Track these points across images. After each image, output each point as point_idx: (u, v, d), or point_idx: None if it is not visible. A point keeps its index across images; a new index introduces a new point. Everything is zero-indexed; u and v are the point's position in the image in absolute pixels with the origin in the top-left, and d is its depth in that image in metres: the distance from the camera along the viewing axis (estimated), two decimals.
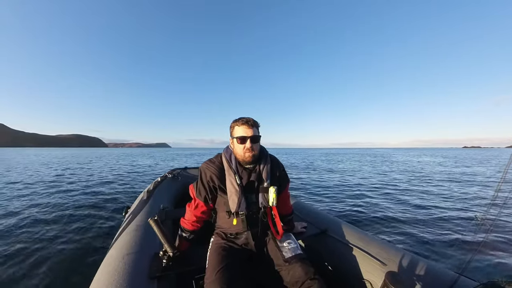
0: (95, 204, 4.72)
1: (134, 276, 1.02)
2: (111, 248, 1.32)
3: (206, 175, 1.26)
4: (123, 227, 1.59)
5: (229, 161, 1.25)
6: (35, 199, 5.12)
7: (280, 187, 1.35)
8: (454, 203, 5.04)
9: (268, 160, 1.31)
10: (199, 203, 1.30)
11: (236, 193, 1.20)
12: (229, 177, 1.23)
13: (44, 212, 4.13)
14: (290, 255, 1.17)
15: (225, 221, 1.30)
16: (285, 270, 1.14)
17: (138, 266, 1.10)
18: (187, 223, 1.33)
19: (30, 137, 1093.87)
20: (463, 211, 4.41)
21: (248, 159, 1.21)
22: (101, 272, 1.07)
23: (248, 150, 1.19)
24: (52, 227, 3.33)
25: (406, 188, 6.67)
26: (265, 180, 1.26)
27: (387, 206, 4.70)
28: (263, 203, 1.25)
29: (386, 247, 1.36)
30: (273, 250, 1.25)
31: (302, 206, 2.11)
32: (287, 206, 1.50)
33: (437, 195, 5.81)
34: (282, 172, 1.40)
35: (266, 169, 1.27)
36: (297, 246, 1.25)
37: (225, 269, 1.07)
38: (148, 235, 1.40)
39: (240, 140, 1.19)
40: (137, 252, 1.21)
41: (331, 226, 1.68)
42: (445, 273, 1.11)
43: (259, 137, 1.24)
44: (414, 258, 1.23)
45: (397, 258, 1.25)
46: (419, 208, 4.57)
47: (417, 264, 1.18)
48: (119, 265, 1.08)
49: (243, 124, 1.20)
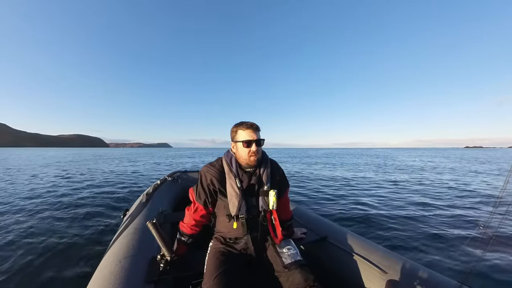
0: (93, 206, 4.69)
1: (130, 280, 1.01)
2: (108, 251, 1.31)
3: (207, 178, 1.27)
4: (121, 229, 1.58)
5: (230, 165, 1.27)
6: (31, 201, 5.10)
7: (280, 192, 1.35)
8: (454, 207, 4.99)
9: (268, 164, 1.33)
10: (198, 207, 1.30)
11: (236, 196, 1.21)
12: (229, 180, 1.24)
13: (41, 213, 4.11)
14: (289, 261, 1.16)
15: (225, 225, 1.29)
16: (284, 277, 1.13)
17: (135, 270, 1.09)
18: (186, 226, 1.32)
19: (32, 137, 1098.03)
20: (465, 218, 4.37)
21: (253, 162, 1.24)
22: (97, 276, 1.06)
23: (253, 153, 1.22)
24: (48, 229, 3.30)
25: (407, 190, 6.63)
26: (265, 183, 1.27)
27: (387, 211, 4.67)
28: (263, 206, 1.25)
29: (387, 255, 1.34)
30: (273, 255, 1.24)
31: (302, 212, 2.10)
32: (287, 211, 1.50)
33: (439, 200, 5.77)
34: (282, 177, 1.42)
35: (266, 173, 1.29)
36: (296, 252, 1.24)
37: (223, 275, 1.06)
38: (146, 239, 1.38)
39: (246, 144, 1.22)
40: (134, 255, 1.20)
41: (331, 232, 1.66)
42: (446, 282, 1.09)
43: (263, 141, 1.27)
44: (415, 266, 1.22)
45: (398, 266, 1.23)
46: (420, 215, 4.53)
47: (419, 272, 1.16)
48: (115, 268, 1.07)
49: (248, 128, 1.23)
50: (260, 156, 1.27)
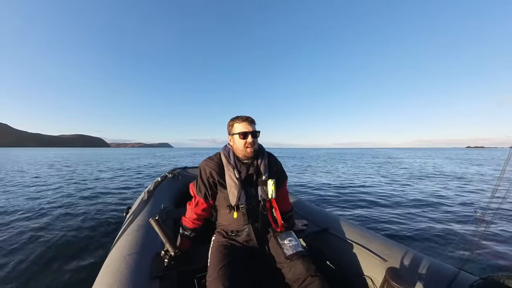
0: (96, 204, 4.72)
1: (136, 276, 1.03)
2: (112, 248, 1.32)
3: (206, 172, 1.29)
4: (124, 227, 1.59)
5: (228, 157, 1.30)
6: (37, 199, 5.12)
7: (278, 182, 1.37)
8: (453, 198, 5.06)
9: (265, 156, 1.37)
10: (199, 200, 1.32)
11: (235, 186, 1.23)
12: (228, 172, 1.27)
13: (45, 212, 4.13)
14: (291, 253, 1.18)
15: (226, 217, 1.31)
16: (287, 267, 1.15)
17: (140, 266, 1.10)
18: (188, 221, 1.34)
19: (34, 137, 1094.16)
20: (462, 206, 4.43)
21: (249, 153, 1.26)
22: (103, 273, 1.08)
23: (249, 144, 1.24)
24: (53, 228, 3.34)
25: (406, 184, 6.69)
26: (264, 173, 1.30)
27: (386, 202, 4.72)
28: (263, 195, 1.28)
29: (387, 244, 1.37)
30: (274, 247, 1.26)
31: (303, 204, 2.12)
32: (286, 203, 1.52)
33: (436, 191, 5.83)
34: (280, 168, 1.45)
35: (264, 163, 1.32)
36: (298, 243, 1.26)
37: (227, 267, 1.08)
38: (149, 235, 1.40)
39: (242, 135, 1.24)
40: (139, 252, 1.21)
41: (332, 224, 1.68)
42: (445, 268, 1.12)
43: (259, 132, 1.30)
44: (415, 254, 1.24)
45: (397, 254, 1.25)
46: (418, 204, 4.59)
47: (418, 259, 1.19)
48: (121, 265, 1.09)
49: (244, 121, 1.26)
50: (256, 147, 1.29)
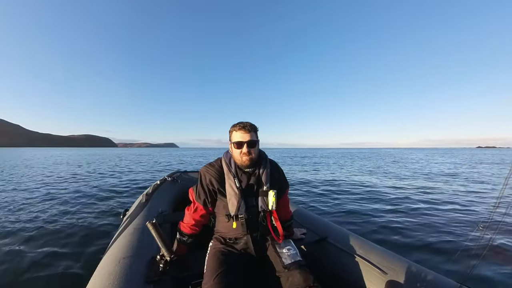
0: (93, 206, 4.68)
1: (130, 280, 1.01)
2: (107, 251, 1.30)
3: (206, 178, 1.27)
4: (120, 230, 1.57)
5: (229, 165, 1.27)
6: (31, 200, 5.09)
7: (280, 192, 1.35)
8: (456, 208, 4.99)
9: (267, 165, 1.33)
10: (198, 207, 1.30)
11: (235, 196, 1.21)
12: (228, 180, 1.24)
13: (39, 213, 4.10)
14: (289, 262, 1.16)
15: (225, 225, 1.29)
16: (284, 277, 1.13)
17: (135, 270, 1.08)
18: (185, 226, 1.32)
19: (44, 137, 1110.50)
20: (465, 216, 4.37)
21: (245, 163, 1.23)
22: (96, 276, 1.06)
23: (245, 154, 1.22)
24: (47, 228, 3.30)
25: (406, 192, 6.62)
26: (265, 183, 1.27)
27: (388, 213, 4.66)
28: (263, 206, 1.25)
29: (387, 256, 1.34)
30: (273, 256, 1.24)
31: (302, 212, 2.09)
32: (287, 211, 1.50)
33: (439, 199, 5.76)
34: (282, 177, 1.43)
35: (265, 173, 1.29)
36: (296, 252, 1.24)
37: (223, 274, 1.06)
38: (145, 239, 1.38)
39: (237, 145, 1.23)
40: (134, 255, 1.19)
41: (331, 233, 1.66)
42: (446, 282, 1.09)
43: (256, 142, 1.26)
44: (415, 267, 1.21)
45: (398, 267, 1.23)
46: (420, 215, 4.52)
47: (418, 273, 1.16)
48: (115, 268, 1.07)
49: (240, 129, 1.23)
50: (254, 156, 1.25)
